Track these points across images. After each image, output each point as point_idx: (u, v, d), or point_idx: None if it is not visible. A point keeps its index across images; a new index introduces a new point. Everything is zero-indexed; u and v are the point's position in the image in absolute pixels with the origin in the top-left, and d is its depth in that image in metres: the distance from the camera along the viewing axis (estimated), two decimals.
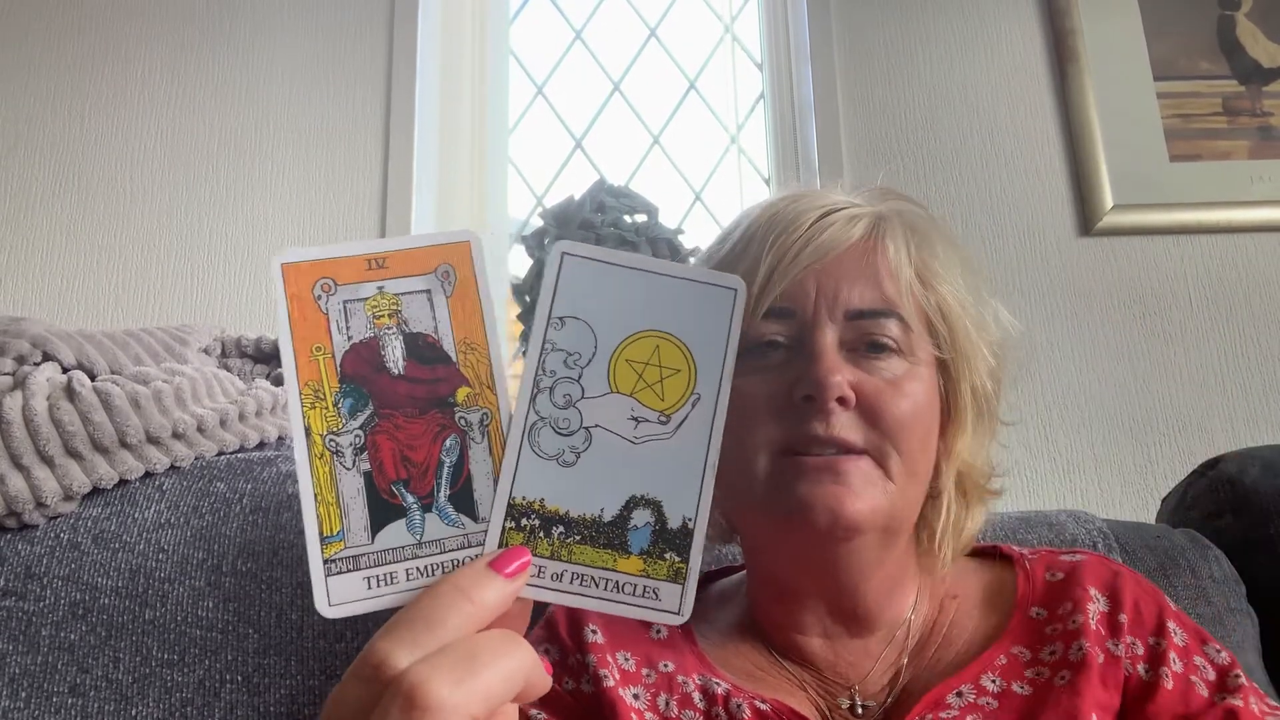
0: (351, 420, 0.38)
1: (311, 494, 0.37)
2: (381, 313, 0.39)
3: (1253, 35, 1.72)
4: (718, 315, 0.40)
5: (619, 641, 0.55)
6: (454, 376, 0.38)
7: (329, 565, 0.37)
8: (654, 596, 0.38)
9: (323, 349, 0.38)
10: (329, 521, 0.37)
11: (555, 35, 1.91)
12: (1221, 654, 0.53)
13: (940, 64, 1.72)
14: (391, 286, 0.39)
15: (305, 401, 0.38)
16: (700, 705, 0.52)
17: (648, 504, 0.38)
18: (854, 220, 0.54)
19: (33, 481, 0.58)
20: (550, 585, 0.37)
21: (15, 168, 1.63)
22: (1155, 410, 1.55)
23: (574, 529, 0.38)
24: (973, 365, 0.56)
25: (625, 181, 1.81)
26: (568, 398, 0.39)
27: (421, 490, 0.38)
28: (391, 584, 0.37)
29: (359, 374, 0.38)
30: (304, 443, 0.37)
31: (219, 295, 1.58)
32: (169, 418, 0.63)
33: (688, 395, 0.39)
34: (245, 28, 1.72)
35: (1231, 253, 1.63)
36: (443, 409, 0.38)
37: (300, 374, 0.38)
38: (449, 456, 0.38)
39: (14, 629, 0.57)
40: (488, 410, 0.38)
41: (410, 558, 0.37)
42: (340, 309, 0.39)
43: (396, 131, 1.66)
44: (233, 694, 0.58)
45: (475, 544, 0.37)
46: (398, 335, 0.39)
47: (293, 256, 0.39)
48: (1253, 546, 0.76)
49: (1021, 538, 0.75)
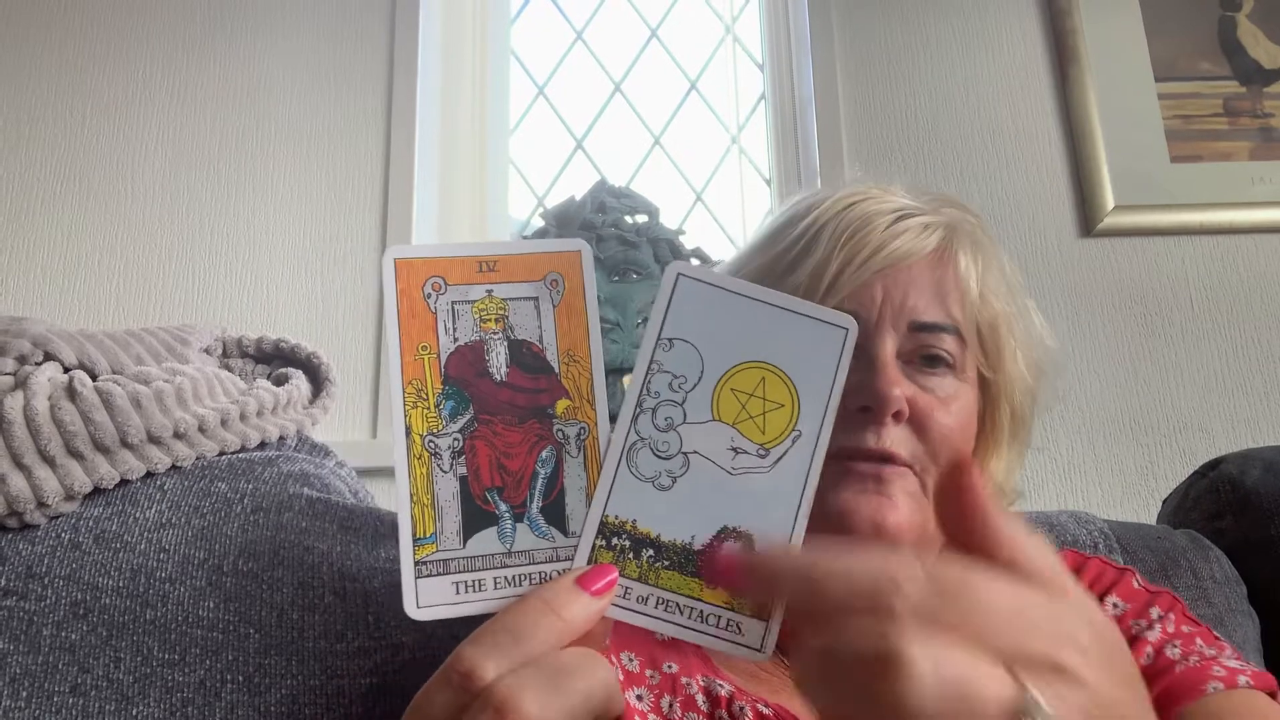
0: (451, 423, 0.38)
1: (408, 494, 0.37)
2: (489, 317, 0.38)
3: (1254, 36, 1.72)
4: (827, 353, 0.39)
5: (623, 642, 0.55)
6: (555, 388, 0.38)
7: (420, 567, 0.36)
8: (736, 630, 0.38)
9: (428, 348, 0.38)
10: (423, 523, 0.37)
11: (556, 36, 1.91)
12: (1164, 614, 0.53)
13: (941, 64, 1.72)
14: (500, 291, 0.39)
15: (408, 400, 0.37)
16: (704, 707, 0.52)
17: (739, 536, 0.38)
18: (929, 229, 0.54)
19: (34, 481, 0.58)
20: (635, 607, 0.37)
21: (15, 168, 1.63)
22: (1156, 411, 1.55)
23: (664, 553, 0.38)
24: (1013, 385, 0.56)
25: (626, 182, 1.81)
26: (669, 421, 0.38)
27: (515, 499, 0.37)
28: (479, 591, 0.36)
29: (462, 377, 0.38)
30: (404, 442, 0.37)
31: (219, 295, 1.58)
32: (170, 417, 0.63)
33: (789, 431, 0.39)
34: (246, 28, 1.72)
35: (1232, 253, 1.63)
36: (541, 419, 0.38)
37: (405, 372, 0.38)
38: (544, 468, 0.38)
39: (15, 629, 0.57)
40: (586, 425, 0.38)
41: (499, 566, 0.37)
42: (449, 309, 0.38)
43: (397, 132, 1.66)
44: (233, 694, 0.58)
45: (564, 558, 0.37)
46: (503, 341, 0.38)
47: (406, 253, 0.39)
48: (1254, 547, 0.76)
49: None
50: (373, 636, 0.62)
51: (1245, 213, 1.62)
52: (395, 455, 0.37)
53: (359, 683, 0.60)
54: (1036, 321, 0.59)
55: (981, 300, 0.54)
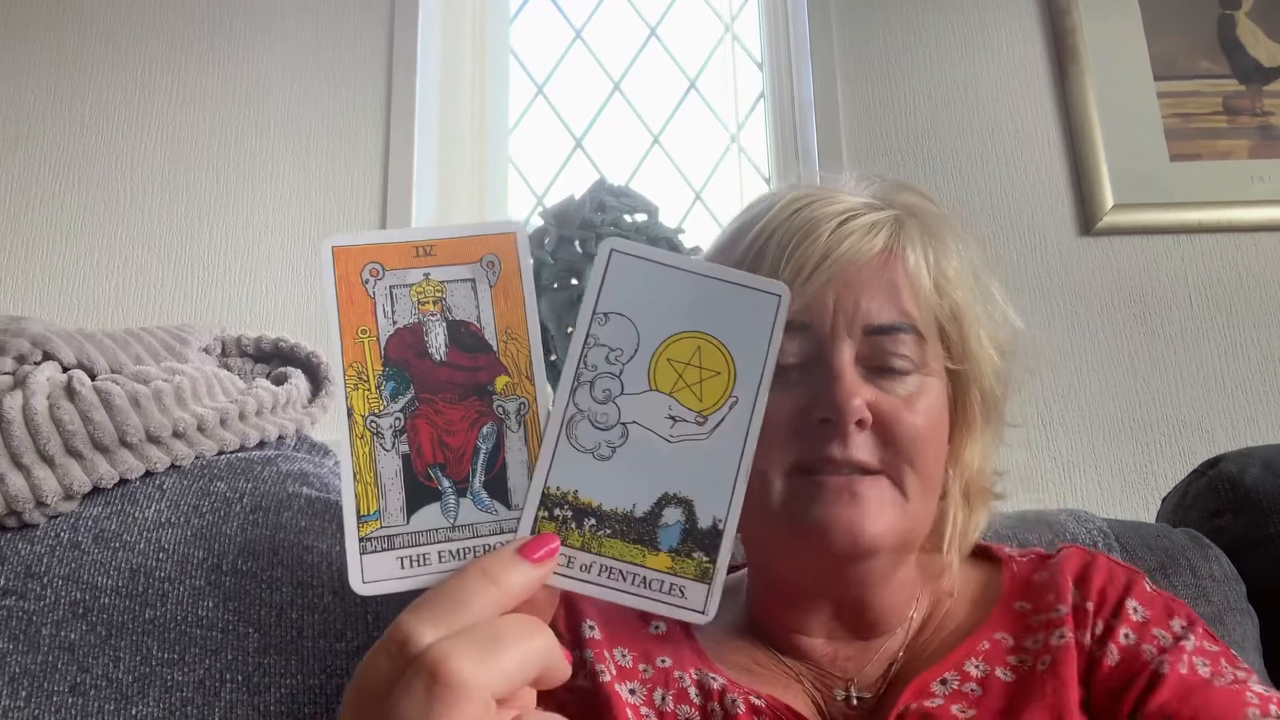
0: (392, 403, 0.38)
1: (351, 473, 0.38)
2: (426, 299, 0.39)
3: (1253, 34, 1.72)
4: (760, 320, 0.40)
5: (616, 637, 0.55)
6: (494, 365, 0.39)
7: (364, 543, 0.37)
8: (680, 594, 0.38)
9: (368, 332, 0.39)
10: (366, 501, 0.37)
11: (555, 35, 1.91)
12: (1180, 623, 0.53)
13: (940, 63, 1.72)
14: (437, 274, 0.39)
15: (349, 383, 0.38)
16: (696, 700, 0.52)
17: (679, 502, 0.39)
18: (874, 228, 0.53)
19: (33, 481, 0.58)
20: (578, 576, 0.38)
21: (15, 168, 1.63)
22: (1155, 410, 1.55)
23: (605, 522, 0.38)
24: (982, 370, 0.55)
25: (626, 181, 1.81)
26: (607, 393, 0.39)
27: (457, 475, 0.38)
28: (424, 565, 0.37)
29: (402, 358, 0.39)
30: (346, 423, 0.38)
31: (219, 295, 1.58)
32: (169, 417, 0.63)
33: (726, 398, 0.40)
34: (245, 28, 1.72)
35: (1232, 252, 1.63)
36: (481, 396, 0.39)
37: (345, 355, 0.39)
38: (485, 443, 0.38)
39: (14, 628, 0.57)
40: (525, 400, 0.39)
41: (443, 540, 0.38)
42: (387, 294, 0.39)
43: (397, 131, 1.66)
44: (233, 693, 0.58)
45: (508, 530, 0.38)
46: (441, 322, 0.39)
47: (343, 240, 0.40)
48: (1253, 546, 0.76)
49: (1021, 538, 0.75)
50: (372, 635, 0.62)
51: (1244, 211, 1.62)
52: (340, 436, 0.38)
53: None
54: (1000, 300, 0.58)
55: (938, 292, 0.54)
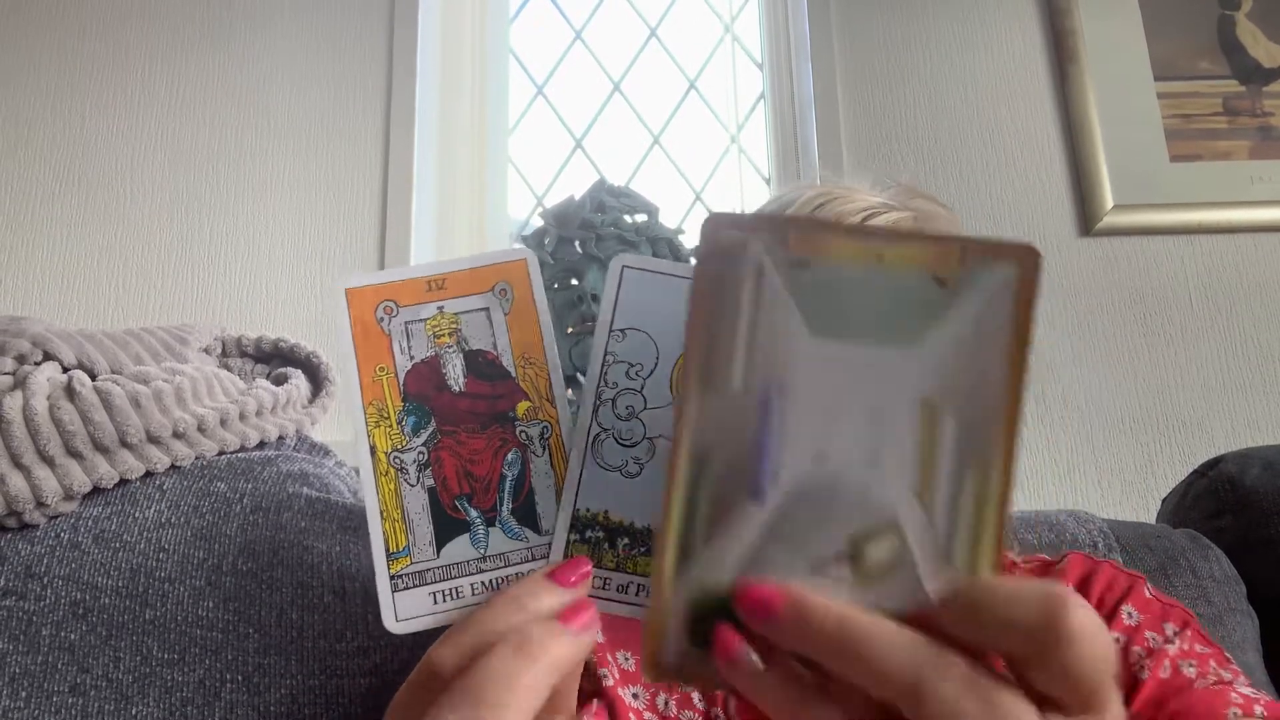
0: (415, 438, 0.38)
1: (378, 511, 0.37)
2: (442, 332, 0.39)
3: (1253, 35, 1.72)
4: None
5: (619, 641, 0.55)
6: (514, 391, 0.39)
7: (395, 581, 0.37)
8: None
9: (386, 369, 0.39)
10: (395, 538, 0.37)
11: (555, 35, 1.91)
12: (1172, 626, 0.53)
13: (940, 64, 1.72)
14: (451, 306, 0.39)
15: (370, 420, 0.38)
16: (699, 705, 0.52)
17: None
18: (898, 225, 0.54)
19: (33, 481, 0.58)
20: (616, 597, 0.37)
21: (15, 168, 1.63)
22: (1155, 410, 1.55)
23: (639, 540, 0.37)
24: None
25: (625, 181, 1.81)
26: (630, 409, 0.38)
27: (485, 505, 0.38)
28: (457, 599, 0.37)
29: (421, 392, 0.39)
30: (369, 461, 0.38)
31: (219, 295, 1.58)
32: (169, 417, 0.63)
33: None
34: (245, 28, 1.72)
35: (1232, 253, 1.63)
36: (503, 424, 0.39)
37: (365, 394, 0.39)
38: (511, 470, 0.38)
39: (14, 629, 0.57)
40: (548, 424, 0.39)
41: (475, 572, 0.37)
42: (403, 330, 0.39)
43: (396, 131, 1.66)
44: (233, 694, 0.58)
45: (539, 557, 0.37)
46: (458, 353, 0.39)
47: (356, 281, 0.40)
48: (1253, 546, 0.76)
49: (1021, 538, 0.75)
50: (372, 636, 0.62)
51: (1244, 212, 1.62)
52: (362, 475, 0.38)
53: (358, 682, 0.60)
54: None
55: None
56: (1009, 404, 0.31)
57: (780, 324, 0.32)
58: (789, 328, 0.32)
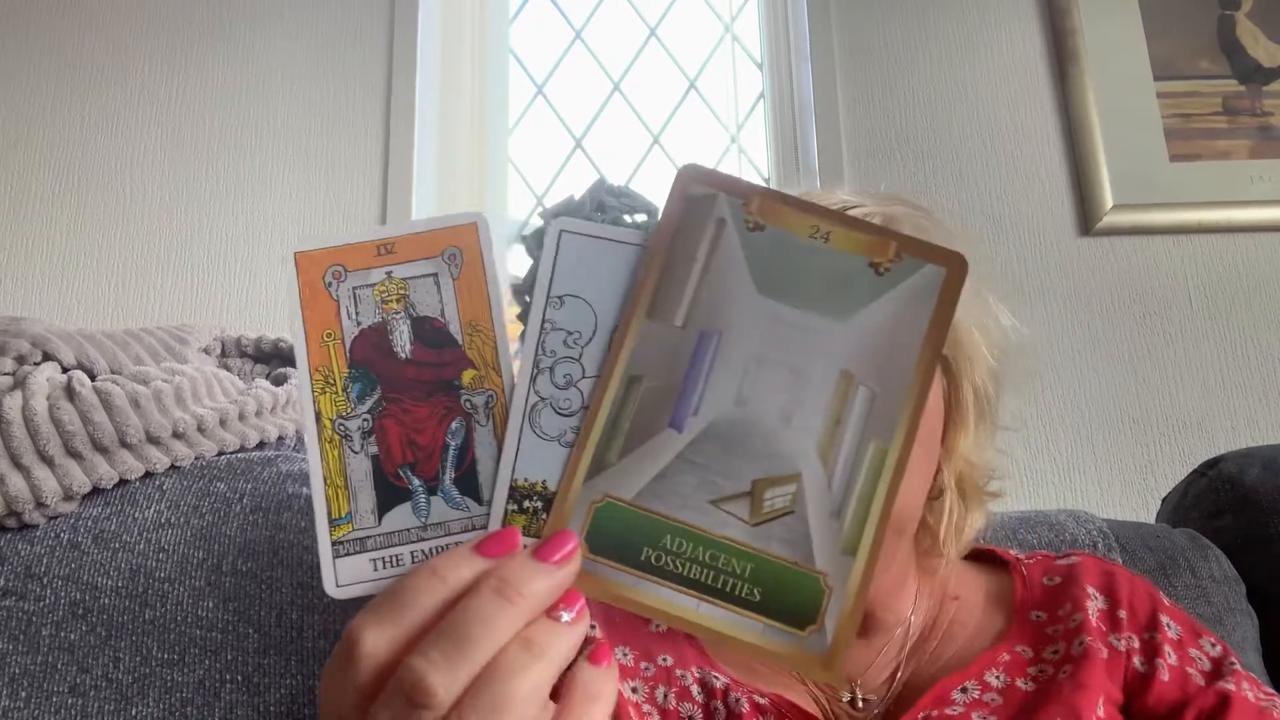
0: (360, 405, 0.38)
1: (321, 477, 0.37)
2: (389, 298, 0.39)
3: (1253, 35, 1.72)
4: None
5: (617, 635, 0.55)
6: (460, 359, 0.38)
7: (337, 547, 0.37)
8: None
9: (333, 335, 0.38)
10: (337, 504, 0.37)
11: (555, 35, 1.91)
12: (1216, 646, 0.54)
13: (940, 64, 1.72)
14: (399, 271, 0.39)
15: (315, 387, 0.38)
16: (699, 699, 0.52)
17: None
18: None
19: (33, 481, 0.58)
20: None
21: (15, 168, 1.63)
22: (1155, 410, 1.55)
23: None
24: (974, 365, 0.56)
25: (625, 181, 1.81)
26: (568, 378, 0.38)
27: (428, 473, 0.38)
28: (397, 566, 0.37)
29: (367, 359, 0.38)
30: (314, 427, 0.38)
31: (219, 295, 1.58)
32: (169, 417, 0.63)
33: None
34: (245, 28, 1.72)
35: (1231, 253, 1.63)
36: (448, 392, 0.38)
37: (311, 360, 0.38)
38: (454, 439, 0.38)
39: (14, 629, 0.57)
40: (493, 392, 0.38)
41: (416, 540, 0.37)
42: (350, 295, 0.39)
43: (396, 131, 1.66)
44: (233, 694, 0.58)
45: (479, 526, 0.37)
46: (405, 319, 0.39)
47: (306, 245, 0.39)
48: (1253, 546, 0.76)
49: (1021, 538, 0.75)
50: None
51: (1244, 211, 1.62)
52: (306, 440, 0.38)
53: None
54: (991, 301, 0.59)
55: None
56: (917, 389, 0.35)
57: (730, 275, 0.37)
58: (737, 280, 0.36)
